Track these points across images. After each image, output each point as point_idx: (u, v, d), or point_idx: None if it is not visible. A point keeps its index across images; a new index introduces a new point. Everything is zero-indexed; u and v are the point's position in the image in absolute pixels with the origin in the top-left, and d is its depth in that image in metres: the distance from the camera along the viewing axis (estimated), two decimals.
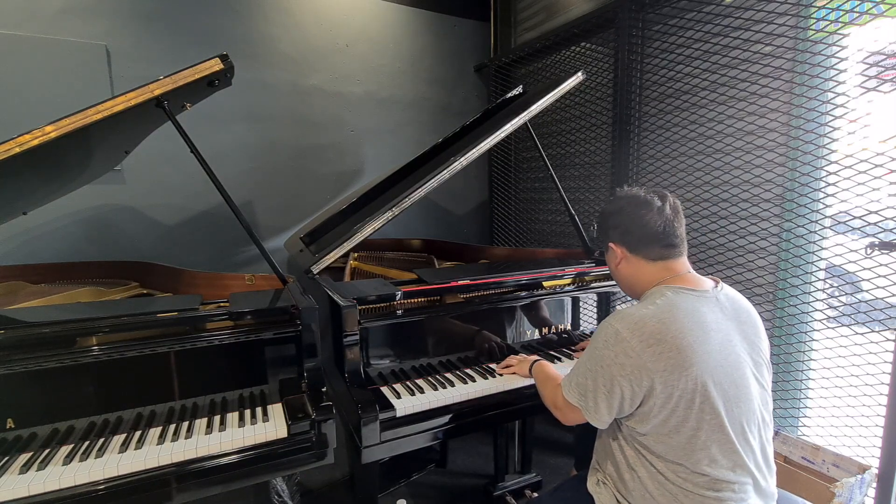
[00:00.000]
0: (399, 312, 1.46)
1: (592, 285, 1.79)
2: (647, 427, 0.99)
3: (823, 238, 1.64)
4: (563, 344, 1.75)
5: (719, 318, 1.03)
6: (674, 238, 1.09)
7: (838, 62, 1.57)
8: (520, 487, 1.98)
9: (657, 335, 0.96)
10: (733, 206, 1.88)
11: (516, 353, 1.65)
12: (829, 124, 1.59)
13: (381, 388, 1.39)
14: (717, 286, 1.09)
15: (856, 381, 1.56)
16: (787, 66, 1.69)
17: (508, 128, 1.73)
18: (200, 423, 1.20)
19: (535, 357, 1.47)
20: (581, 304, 1.80)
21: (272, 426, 1.19)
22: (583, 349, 1.71)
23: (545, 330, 1.72)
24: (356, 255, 2.28)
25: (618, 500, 1.08)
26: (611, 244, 1.15)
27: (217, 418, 1.21)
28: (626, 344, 0.97)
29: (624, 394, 0.98)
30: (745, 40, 1.76)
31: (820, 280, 1.68)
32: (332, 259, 1.55)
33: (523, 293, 1.65)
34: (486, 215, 3.46)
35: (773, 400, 1.76)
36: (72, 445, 1.10)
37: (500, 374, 1.49)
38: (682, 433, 0.97)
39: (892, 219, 1.46)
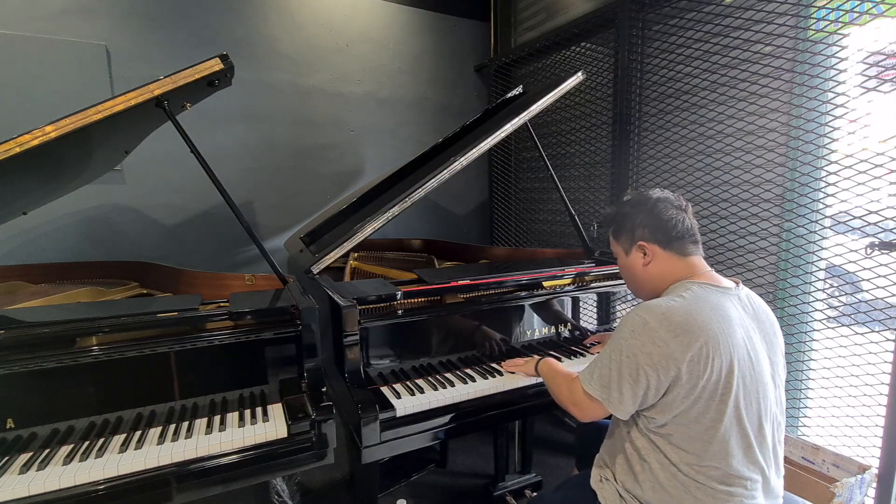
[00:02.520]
0: (399, 312, 1.46)
1: (592, 285, 1.79)
2: (667, 417, 0.99)
3: (823, 238, 1.64)
4: (563, 343, 1.75)
5: (741, 314, 1.04)
6: (698, 234, 1.14)
7: (838, 62, 1.57)
8: (520, 487, 1.98)
9: (684, 325, 0.96)
10: (733, 206, 1.88)
11: (517, 352, 1.65)
12: (829, 124, 1.59)
13: (381, 388, 1.39)
14: (737, 286, 1.10)
15: (856, 381, 1.56)
16: (787, 66, 1.69)
17: (508, 128, 1.73)
18: (200, 423, 1.20)
19: (538, 357, 1.47)
20: (581, 303, 1.80)
21: (272, 426, 1.19)
22: (585, 347, 1.72)
23: (545, 330, 1.72)
24: (356, 255, 2.28)
25: (621, 496, 1.08)
26: (641, 243, 1.15)
27: (217, 418, 1.21)
28: (653, 333, 0.97)
29: (650, 383, 0.98)
30: (745, 40, 1.76)
31: (820, 280, 1.68)
32: (333, 259, 1.55)
33: (523, 293, 1.65)
34: (486, 215, 3.46)
35: None
36: (72, 445, 1.10)
37: (505, 372, 1.48)
38: (701, 423, 0.97)
39: (892, 219, 1.46)
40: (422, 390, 1.38)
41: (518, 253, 2.39)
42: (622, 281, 1.81)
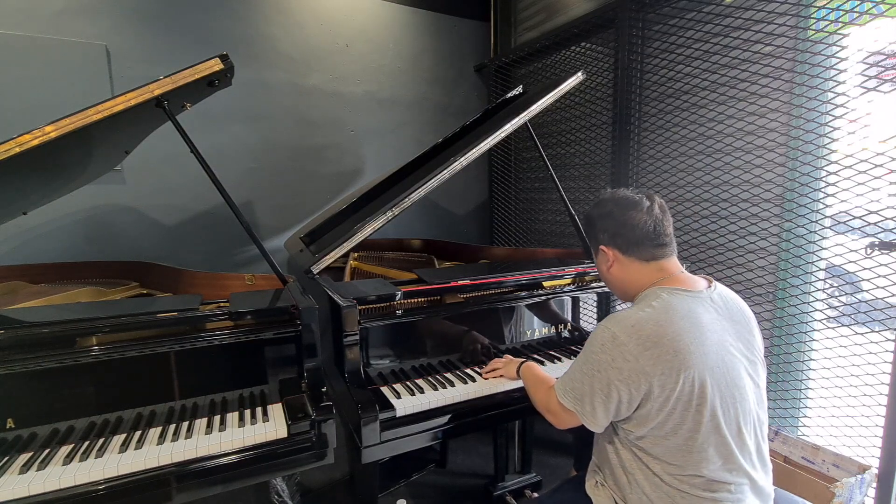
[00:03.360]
0: (399, 312, 1.46)
1: (592, 285, 1.79)
2: (644, 430, 0.98)
3: (823, 238, 1.64)
4: (563, 344, 1.75)
5: (714, 318, 1.02)
6: (664, 237, 1.09)
7: (838, 62, 1.57)
8: (520, 487, 1.98)
9: (654, 338, 0.95)
10: (733, 206, 1.88)
11: (517, 352, 1.65)
12: (829, 124, 1.59)
13: (381, 388, 1.39)
14: (710, 286, 1.08)
15: (856, 381, 1.56)
16: (787, 66, 1.69)
17: (508, 128, 1.73)
18: (200, 423, 1.20)
19: (520, 359, 1.45)
20: (581, 304, 1.80)
21: (272, 426, 1.19)
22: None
23: (545, 330, 1.72)
24: (356, 254, 2.28)
25: (616, 501, 1.08)
26: (602, 247, 1.14)
27: (217, 418, 1.21)
28: (623, 348, 0.96)
29: (621, 398, 0.97)
30: (745, 40, 1.76)
31: (820, 280, 1.68)
32: (332, 259, 1.54)
33: (523, 293, 1.65)
34: (486, 215, 3.46)
35: (773, 400, 1.76)
36: (72, 445, 1.10)
37: (486, 379, 1.46)
38: (679, 435, 0.97)
39: (892, 219, 1.46)
40: (422, 390, 1.38)
41: (518, 253, 2.39)
42: None
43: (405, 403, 1.31)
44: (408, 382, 1.44)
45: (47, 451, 1.08)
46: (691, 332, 0.96)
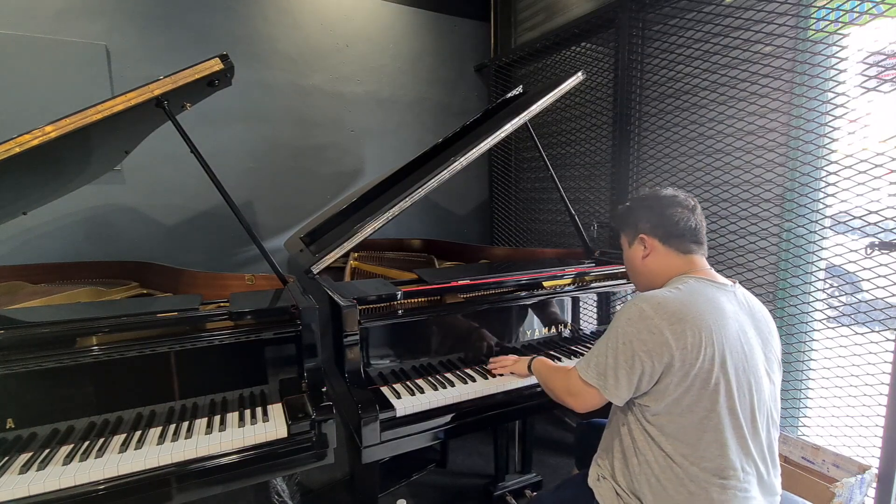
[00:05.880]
0: (399, 312, 1.46)
1: (592, 285, 1.79)
2: (661, 405, 1.01)
3: (823, 238, 1.64)
4: (563, 343, 1.75)
5: (736, 309, 1.07)
6: (702, 235, 1.16)
7: (838, 62, 1.57)
8: (520, 487, 1.98)
9: (679, 314, 0.99)
10: (733, 206, 1.88)
11: (518, 352, 1.65)
12: (829, 124, 1.59)
13: (382, 388, 1.39)
14: (734, 285, 1.13)
15: (856, 381, 1.56)
16: (787, 66, 1.69)
17: (508, 128, 1.73)
18: (200, 423, 1.21)
19: (530, 356, 1.46)
20: (581, 304, 1.80)
21: (272, 426, 1.19)
22: (587, 348, 1.72)
23: (545, 329, 1.72)
24: (356, 255, 2.28)
25: (617, 493, 1.09)
26: (642, 235, 1.18)
27: (217, 418, 1.21)
28: (649, 321, 1.00)
29: (644, 369, 1.00)
30: (746, 40, 1.76)
31: (820, 280, 1.68)
32: (333, 259, 1.55)
33: (523, 293, 1.65)
34: (486, 215, 3.46)
35: None
36: (72, 445, 1.11)
37: (496, 376, 1.48)
38: (694, 413, 0.99)
39: (892, 219, 1.46)
40: (422, 390, 1.38)
41: (518, 253, 2.39)
42: (622, 281, 1.82)
43: (405, 403, 1.31)
44: (408, 382, 1.44)
45: (47, 451, 1.08)
46: (714, 315, 1.01)
